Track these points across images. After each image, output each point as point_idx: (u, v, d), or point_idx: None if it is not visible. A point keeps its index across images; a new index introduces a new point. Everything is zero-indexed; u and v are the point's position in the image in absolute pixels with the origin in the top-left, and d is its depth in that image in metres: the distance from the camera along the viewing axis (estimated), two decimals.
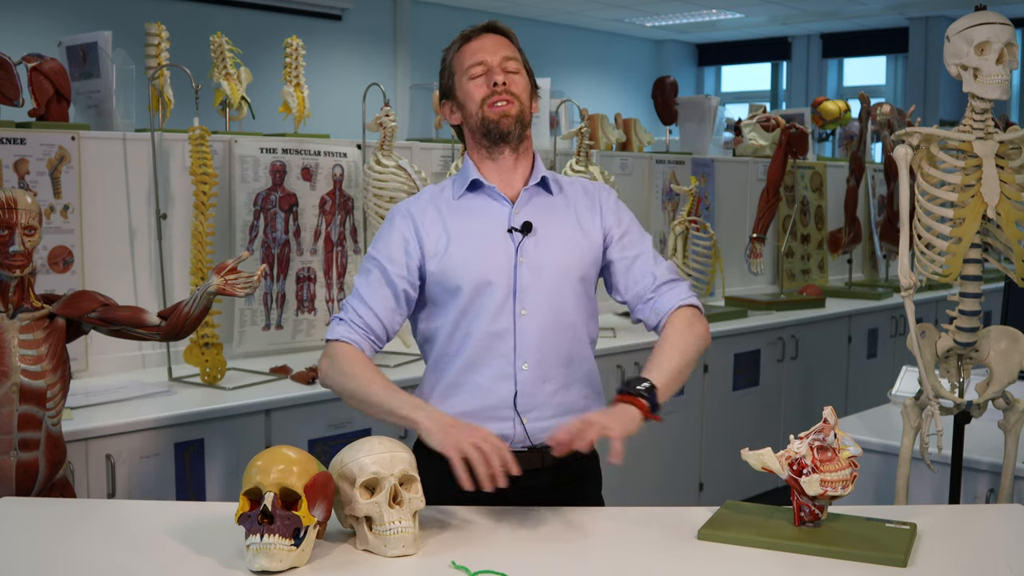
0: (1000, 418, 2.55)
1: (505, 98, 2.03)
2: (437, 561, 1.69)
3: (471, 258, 2.02)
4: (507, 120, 2.04)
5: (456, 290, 2.02)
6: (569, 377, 2.06)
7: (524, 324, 2.01)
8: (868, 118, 5.72)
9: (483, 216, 2.06)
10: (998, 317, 3.92)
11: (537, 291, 2.02)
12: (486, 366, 2.01)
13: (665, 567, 1.71)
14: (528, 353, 2.01)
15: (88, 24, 6.79)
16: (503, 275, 2.01)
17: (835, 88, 13.22)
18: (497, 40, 2.07)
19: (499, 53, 2.05)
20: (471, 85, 2.05)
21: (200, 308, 2.33)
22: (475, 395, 2.02)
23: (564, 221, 2.08)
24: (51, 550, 1.75)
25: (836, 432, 1.80)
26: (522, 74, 2.08)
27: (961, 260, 2.40)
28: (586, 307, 2.10)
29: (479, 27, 2.09)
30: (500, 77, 2.03)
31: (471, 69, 2.05)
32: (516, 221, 2.05)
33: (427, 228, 2.05)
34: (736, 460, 1.94)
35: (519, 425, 2.01)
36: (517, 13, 10.89)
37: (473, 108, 2.05)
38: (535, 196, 2.09)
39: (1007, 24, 2.31)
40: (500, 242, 2.03)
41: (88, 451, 2.66)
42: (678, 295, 2.09)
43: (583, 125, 4.07)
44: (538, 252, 2.03)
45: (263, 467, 1.67)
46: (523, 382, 2.01)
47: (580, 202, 2.13)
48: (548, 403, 2.03)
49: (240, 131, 3.63)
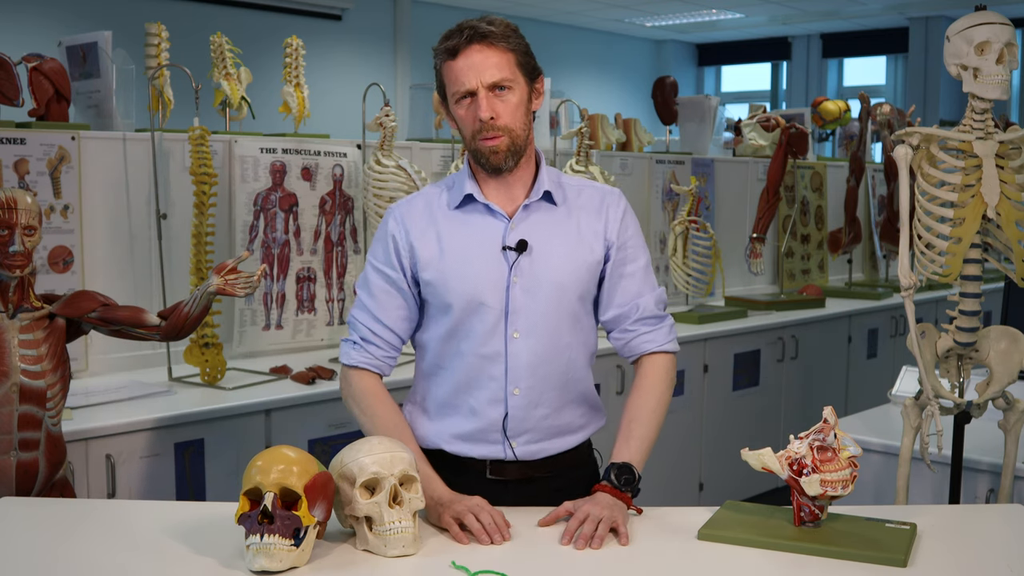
0: (1000, 418, 2.55)
1: (493, 135, 1.91)
2: (437, 561, 1.69)
3: (463, 276, 1.95)
4: (497, 156, 1.93)
5: (447, 307, 1.97)
6: (563, 399, 2.01)
7: (516, 348, 1.95)
8: (868, 118, 5.72)
9: (477, 231, 1.98)
10: (998, 317, 3.92)
11: (531, 313, 1.95)
12: (478, 389, 1.97)
13: (665, 567, 1.71)
14: (520, 378, 1.96)
15: (88, 24, 6.79)
16: (495, 296, 1.94)
17: (835, 88, 13.22)
18: (483, 55, 1.89)
19: (485, 72, 1.89)
20: (459, 111, 1.94)
21: (200, 308, 2.33)
22: (467, 417, 1.99)
23: (564, 236, 1.99)
24: (51, 550, 1.75)
25: (836, 432, 1.80)
26: (514, 89, 1.92)
27: (961, 260, 2.40)
28: (584, 325, 2.03)
29: (464, 37, 1.90)
30: (485, 112, 1.89)
31: (455, 94, 1.92)
32: (511, 238, 1.96)
33: (420, 237, 1.99)
34: (736, 460, 1.94)
35: (508, 448, 1.99)
36: (517, 13, 10.89)
37: (466, 136, 1.96)
38: (535, 211, 1.99)
39: (1007, 24, 2.31)
40: (493, 260, 1.95)
41: (88, 451, 2.66)
42: (657, 339, 2.05)
43: (583, 125, 4.07)
44: (534, 272, 1.95)
45: (263, 467, 1.67)
46: (514, 407, 1.97)
47: (586, 212, 2.02)
48: (539, 427, 2.00)
49: (240, 131, 3.63)
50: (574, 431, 2.05)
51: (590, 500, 1.86)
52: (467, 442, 2.00)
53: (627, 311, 2.04)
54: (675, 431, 4.30)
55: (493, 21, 1.92)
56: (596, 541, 1.75)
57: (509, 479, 2.01)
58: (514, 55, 1.92)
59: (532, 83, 1.97)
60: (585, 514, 1.80)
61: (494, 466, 2.00)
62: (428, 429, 2.03)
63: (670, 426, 4.42)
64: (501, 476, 2.00)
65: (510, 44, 1.92)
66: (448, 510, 1.82)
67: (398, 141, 3.85)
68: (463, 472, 1.99)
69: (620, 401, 2.68)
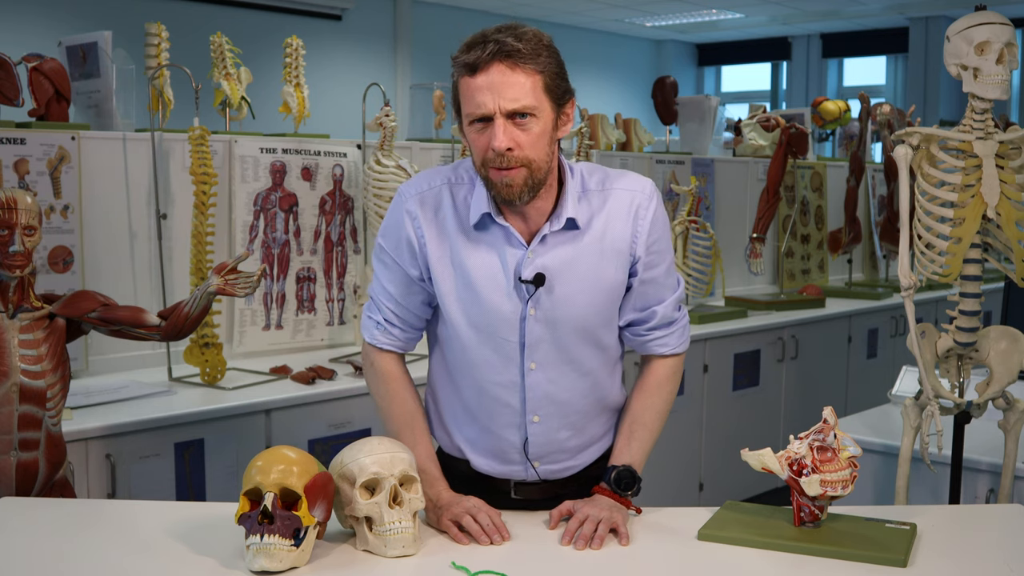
0: (1000, 418, 2.55)
1: (509, 167, 1.71)
2: (437, 561, 1.69)
3: (477, 301, 1.83)
4: (510, 190, 1.73)
5: (458, 332, 1.86)
6: (587, 418, 1.94)
7: (534, 379, 1.86)
8: (868, 118, 5.72)
9: (494, 257, 1.82)
10: (998, 317, 3.92)
11: (548, 346, 1.84)
12: (496, 413, 1.89)
13: (665, 567, 1.71)
14: (539, 407, 1.88)
15: (88, 24, 6.80)
16: (511, 329, 1.83)
17: (835, 88, 13.22)
18: (505, 77, 1.68)
19: (505, 97, 1.68)
20: (471, 134, 1.74)
21: (200, 308, 2.33)
22: (486, 437, 1.93)
23: (586, 266, 1.83)
24: (51, 550, 1.75)
25: (836, 432, 1.80)
26: (538, 117, 1.71)
27: (961, 260, 2.40)
28: (607, 344, 1.92)
29: (487, 52, 1.68)
30: (501, 143, 1.69)
31: (469, 116, 1.72)
32: (528, 271, 1.80)
33: (434, 251, 1.85)
34: (736, 460, 1.94)
35: (531, 470, 1.94)
36: (517, 13, 10.89)
37: (476, 160, 1.77)
38: (555, 237, 1.82)
39: (1007, 24, 2.31)
40: (509, 292, 1.81)
41: (88, 451, 2.66)
42: (670, 343, 1.97)
43: (583, 125, 4.07)
44: (554, 307, 1.82)
45: (263, 467, 1.67)
46: (534, 433, 1.90)
47: (612, 222, 1.84)
48: (563, 448, 1.94)
49: (240, 131, 3.63)
50: (598, 439, 2.00)
51: (589, 502, 1.85)
52: (487, 458, 1.95)
53: (644, 316, 1.94)
54: (675, 431, 4.29)
55: (523, 35, 1.71)
56: (596, 542, 1.75)
57: (535, 499, 1.96)
58: (542, 77, 1.71)
59: (560, 108, 1.77)
60: (584, 515, 1.79)
61: (518, 487, 1.96)
62: (451, 434, 1.99)
63: (670, 426, 4.40)
64: (526, 496, 1.96)
65: (539, 65, 1.71)
66: (446, 512, 1.82)
67: (398, 141, 3.85)
68: (486, 487, 1.95)
69: None
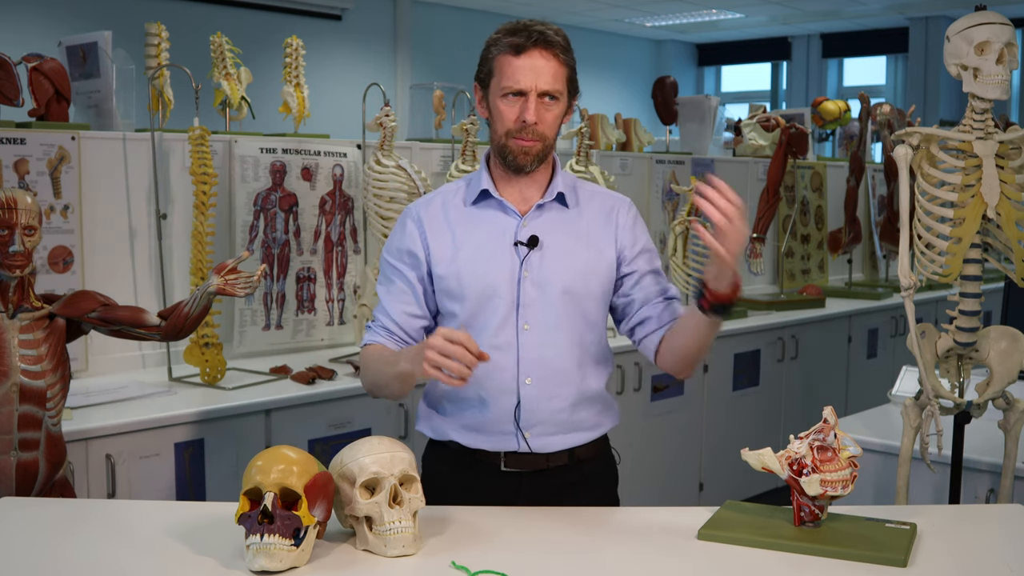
0: (1000, 418, 2.55)
1: (530, 139, 1.97)
2: (437, 561, 1.69)
3: (475, 270, 2.00)
4: (526, 158, 1.99)
5: (460, 300, 2.01)
6: (579, 397, 2.04)
7: (527, 339, 2.00)
8: (868, 118, 5.73)
9: (491, 227, 2.04)
10: (998, 317, 3.92)
11: (540, 307, 2.00)
12: (489, 379, 1.99)
13: (665, 567, 1.71)
14: (531, 369, 2.00)
15: (88, 24, 6.79)
16: (507, 288, 2.00)
17: (835, 88, 13.22)
18: (545, 61, 1.95)
19: (541, 78, 1.94)
20: (502, 105, 1.97)
21: (200, 308, 2.33)
22: (479, 408, 2.02)
23: (575, 237, 2.05)
24: (51, 550, 1.75)
25: (836, 432, 1.80)
26: (560, 101, 1.98)
27: (961, 260, 2.40)
28: (596, 326, 2.07)
29: (532, 38, 1.94)
30: (532, 116, 1.95)
31: (506, 88, 1.96)
32: (523, 234, 2.02)
33: (435, 234, 2.04)
34: (736, 460, 1.94)
35: (522, 440, 2.01)
36: (517, 13, 10.88)
37: (499, 130, 2.00)
38: (548, 211, 2.05)
39: (1007, 24, 2.31)
40: (506, 255, 2.01)
41: (88, 451, 2.66)
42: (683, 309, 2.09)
43: (583, 125, 4.06)
44: (543, 268, 2.01)
45: (263, 467, 1.67)
46: (527, 397, 2.00)
47: (596, 217, 2.09)
48: (552, 420, 2.02)
49: (240, 131, 3.63)
50: (589, 428, 2.07)
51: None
52: (479, 433, 2.02)
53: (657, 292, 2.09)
54: (675, 431, 4.30)
55: (557, 31, 1.98)
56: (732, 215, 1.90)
57: (524, 471, 2.02)
58: (567, 70, 1.99)
59: (571, 100, 2.04)
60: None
61: (509, 458, 2.02)
62: (440, 421, 2.07)
63: (670, 426, 4.45)
64: (516, 468, 2.02)
65: (567, 59, 1.99)
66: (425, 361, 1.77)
67: (398, 141, 3.85)
68: (476, 466, 2.03)
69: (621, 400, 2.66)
